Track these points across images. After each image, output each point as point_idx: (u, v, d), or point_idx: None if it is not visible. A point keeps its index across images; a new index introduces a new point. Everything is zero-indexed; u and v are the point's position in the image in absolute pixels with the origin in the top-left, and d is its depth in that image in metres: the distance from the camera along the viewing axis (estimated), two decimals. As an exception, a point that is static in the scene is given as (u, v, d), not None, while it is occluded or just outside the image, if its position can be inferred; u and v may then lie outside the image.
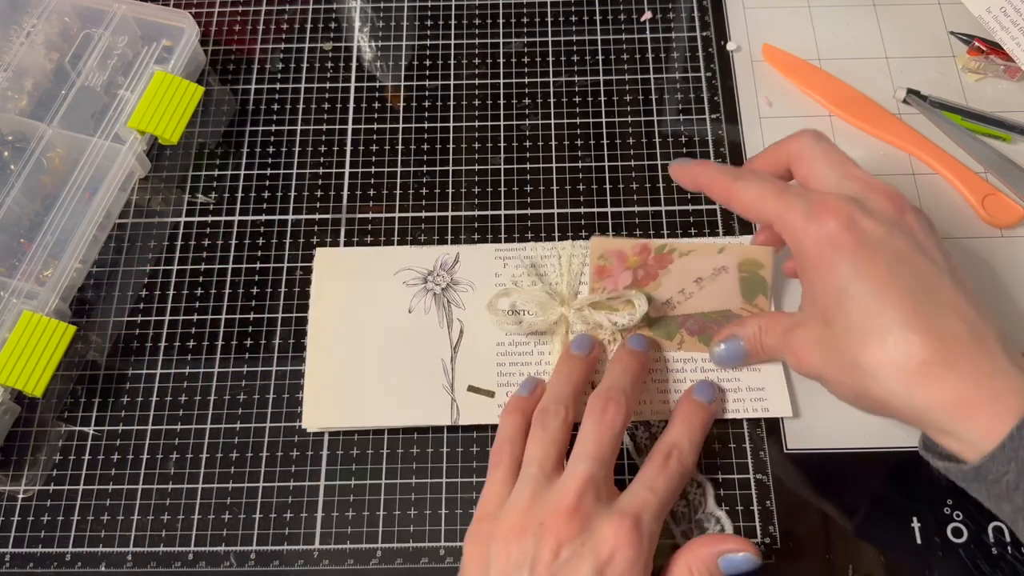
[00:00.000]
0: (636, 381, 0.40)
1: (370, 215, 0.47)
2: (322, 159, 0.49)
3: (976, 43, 0.49)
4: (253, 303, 0.45)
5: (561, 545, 0.33)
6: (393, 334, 0.43)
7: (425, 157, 0.49)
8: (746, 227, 0.46)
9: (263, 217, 0.48)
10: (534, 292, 0.43)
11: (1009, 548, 0.38)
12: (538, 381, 0.41)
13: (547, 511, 0.34)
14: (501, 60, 0.52)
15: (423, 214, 0.47)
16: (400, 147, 0.49)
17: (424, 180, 0.48)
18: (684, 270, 0.43)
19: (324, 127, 0.50)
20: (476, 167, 0.49)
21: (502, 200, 0.47)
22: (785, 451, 0.41)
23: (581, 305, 0.43)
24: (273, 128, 0.50)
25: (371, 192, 0.48)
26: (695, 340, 0.42)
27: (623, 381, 0.39)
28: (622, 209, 0.47)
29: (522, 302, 0.43)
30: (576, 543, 0.33)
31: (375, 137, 0.50)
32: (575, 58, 0.51)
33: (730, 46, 0.51)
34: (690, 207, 0.47)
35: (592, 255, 0.43)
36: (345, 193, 0.48)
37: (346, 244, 0.47)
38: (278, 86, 0.51)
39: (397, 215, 0.47)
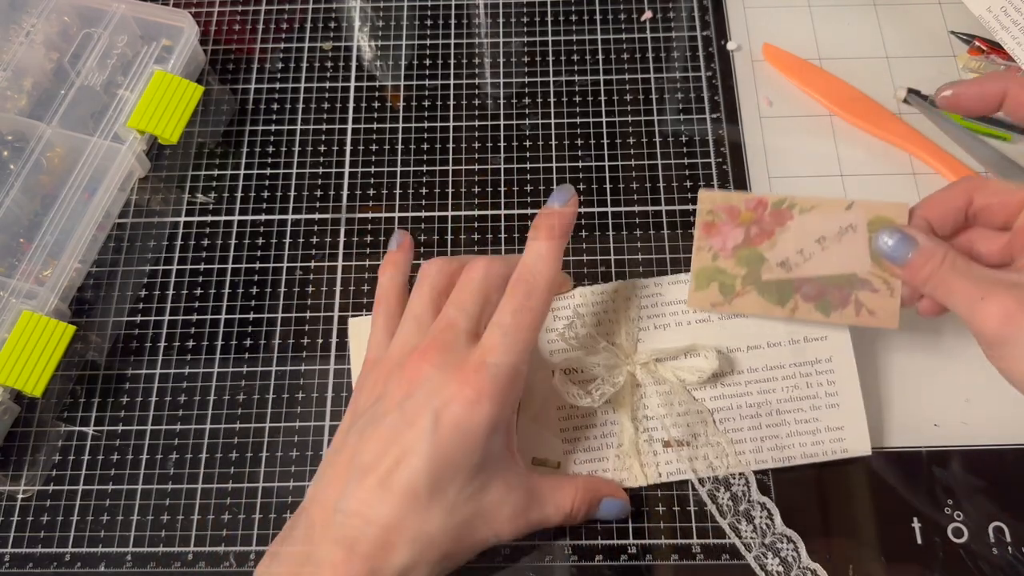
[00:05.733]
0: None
1: (370, 215, 0.47)
2: (322, 159, 0.49)
3: (977, 43, 0.49)
4: (253, 303, 0.45)
5: (411, 383, 0.34)
6: None
7: (425, 157, 0.49)
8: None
9: (263, 217, 0.48)
10: (602, 356, 0.40)
11: (1009, 548, 0.38)
12: (404, 234, 0.41)
13: (407, 354, 0.35)
14: (501, 60, 0.52)
15: (423, 214, 0.47)
16: (400, 147, 0.49)
17: (424, 180, 0.48)
18: (805, 228, 0.38)
19: (324, 127, 0.50)
20: (476, 167, 0.48)
21: (502, 200, 0.47)
22: (785, 451, 0.41)
23: (646, 360, 0.40)
24: (273, 128, 0.50)
25: (371, 192, 0.48)
26: (811, 307, 0.38)
27: (511, 256, 0.37)
28: (622, 209, 0.47)
29: (587, 366, 0.39)
30: (425, 383, 0.33)
31: (375, 137, 0.50)
32: (575, 57, 0.51)
33: (730, 46, 0.51)
34: (690, 207, 0.47)
35: (700, 210, 0.40)
36: (345, 193, 0.48)
37: (346, 244, 0.47)
38: (278, 86, 0.51)
39: (397, 215, 0.47)
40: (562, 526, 0.39)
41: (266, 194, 0.48)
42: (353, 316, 0.44)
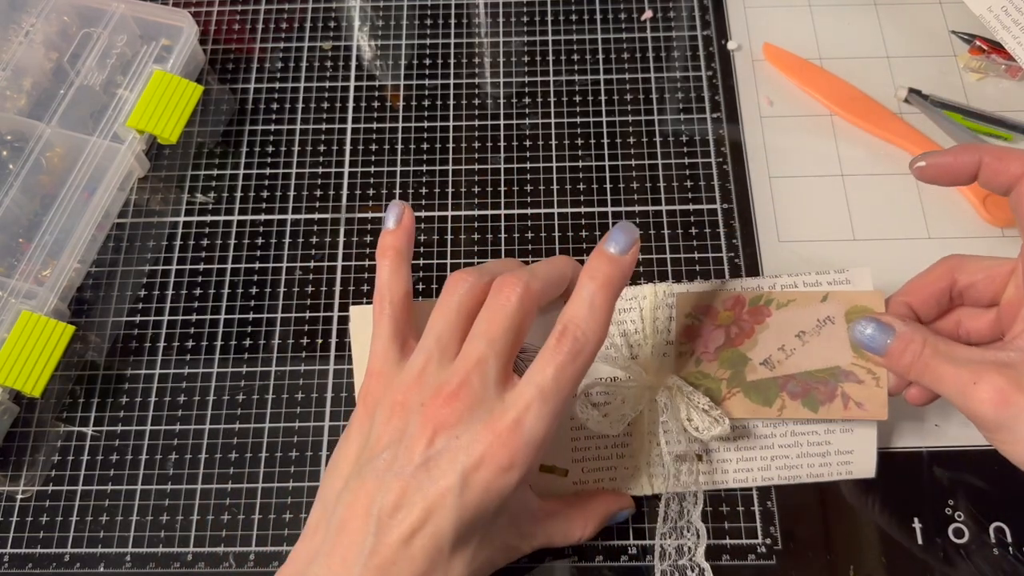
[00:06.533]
0: (569, 270, 0.35)
1: (370, 215, 0.47)
2: (321, 158, 0.49)
3: (977, 42, 0.49)
4: (253, 303, 0.45)
5: (436, 433, 0.31)
6: None
7: (425, 157, 0.49)
8: (748, 234, 0.46)
9: (262, 217, 0.47)
10: (627, 377, 0.38)
11: (1010, 548, 0.38)
12: (403, 206, 0.36)
13: (430, 392, 0.32)
14: (501, 59, 0.52)
15: (423, 214, 0.47)
16: (400, 147, 0.49)
17: (424, 180, 0.48)
18: (783, 324, 0.38)
19: (323, 126, 0.50)
20: (476, 167, 0.48)
21: (502, 200, 0.47)
22: (786, 451, 0.41)
23: (671, 384, 0.38)
24: (272, 127, 0.50)
25: (371, 192, 0.48)
26: (798, 405, 0.37)
27: (545, 267, 0.34)
28: (622, 209, 0.47)
29: (610, 385, 0.38)
30: (452, 434, 0.31)
31: (375, 136, 0.50)
32: (575, 57, 0.51)
33: (731, 45, 0.51)
34: (691, 207, 0.47)
35: (678, 313, 0.39)
36: (344, 193, 0.48)
37: (345, 244, 0.47)
38: (277, 85, 0.51)
39: (397, 215, 0.47)
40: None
41: (266, 194, 0.48)
42: (354, 303, 0.42)
